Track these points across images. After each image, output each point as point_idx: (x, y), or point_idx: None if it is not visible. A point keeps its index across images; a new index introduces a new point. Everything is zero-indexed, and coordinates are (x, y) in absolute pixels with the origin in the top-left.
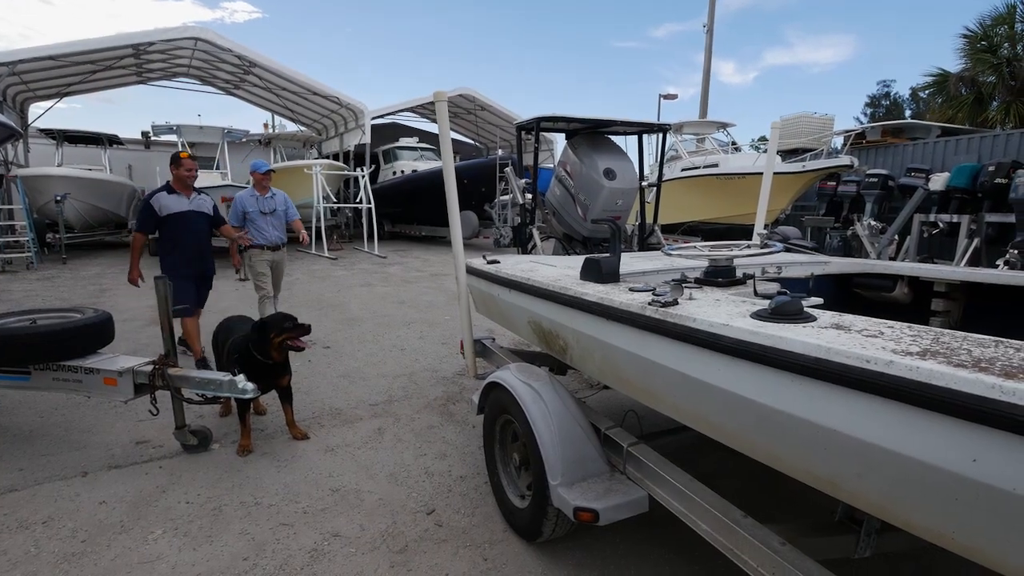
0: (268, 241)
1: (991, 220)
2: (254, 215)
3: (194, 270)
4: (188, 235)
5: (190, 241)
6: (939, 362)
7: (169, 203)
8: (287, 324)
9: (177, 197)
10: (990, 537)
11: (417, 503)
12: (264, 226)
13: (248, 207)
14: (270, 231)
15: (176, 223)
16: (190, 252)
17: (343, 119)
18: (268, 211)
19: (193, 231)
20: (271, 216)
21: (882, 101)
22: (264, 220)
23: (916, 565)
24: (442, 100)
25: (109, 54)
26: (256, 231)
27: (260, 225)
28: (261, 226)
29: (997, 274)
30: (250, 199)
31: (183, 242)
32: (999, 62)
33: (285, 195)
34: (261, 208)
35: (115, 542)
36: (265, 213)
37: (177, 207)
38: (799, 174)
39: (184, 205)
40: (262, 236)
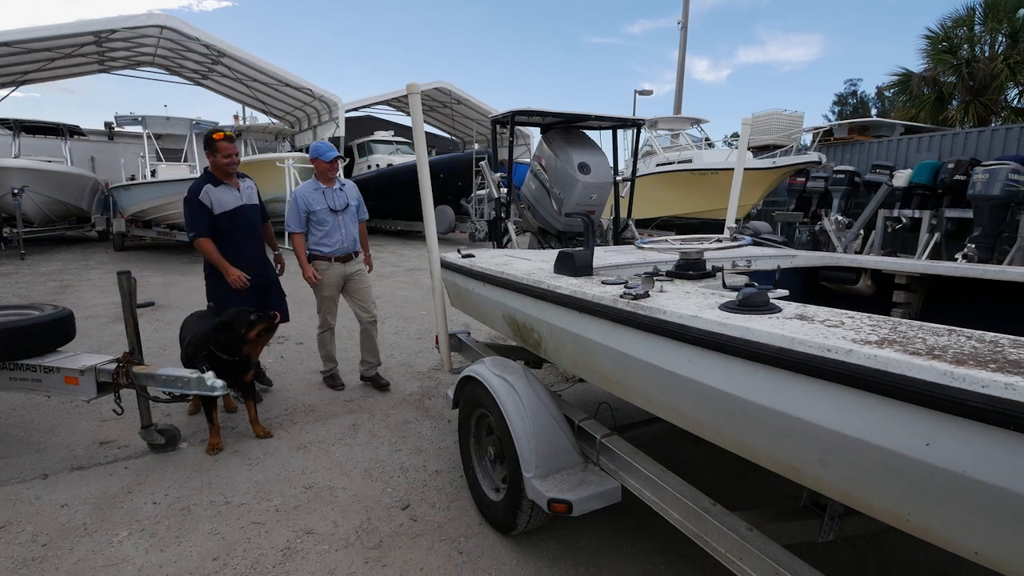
0: (339, 249)
1: (950, 216)
2: (322, 215)
3: (254, 279)
4: (244, 235)
5: (247, 242)
6: (895, 350)
7: (221, 197)
8: (252, 317)
9: (227, 189)
10: (942, 518)
11: (392, 498)
12: (334, 229)
13: (313, 204)
14: (343, 235)
15: (231, 222)
16: (249, 255)
17: (316, 112)
18: (340, 207)
19: (250, 229)
20: (343, 214)
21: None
22: (335, 220)
23: (876, 546)
24: (415, 92)
25: (69, 41)
26: (323, 236)
27: (330, 228)
28: (331, 229)
29: (954, 267)
30: (314, 194)
31: (239, 245)
32: (959, 63)
33: (354, 185)
34: (331, 204)
35: (78, 545)
36: (336, 211)
37: (232, 202)
38: (770, 170)
39: (236, 199)
40: (331, 242)
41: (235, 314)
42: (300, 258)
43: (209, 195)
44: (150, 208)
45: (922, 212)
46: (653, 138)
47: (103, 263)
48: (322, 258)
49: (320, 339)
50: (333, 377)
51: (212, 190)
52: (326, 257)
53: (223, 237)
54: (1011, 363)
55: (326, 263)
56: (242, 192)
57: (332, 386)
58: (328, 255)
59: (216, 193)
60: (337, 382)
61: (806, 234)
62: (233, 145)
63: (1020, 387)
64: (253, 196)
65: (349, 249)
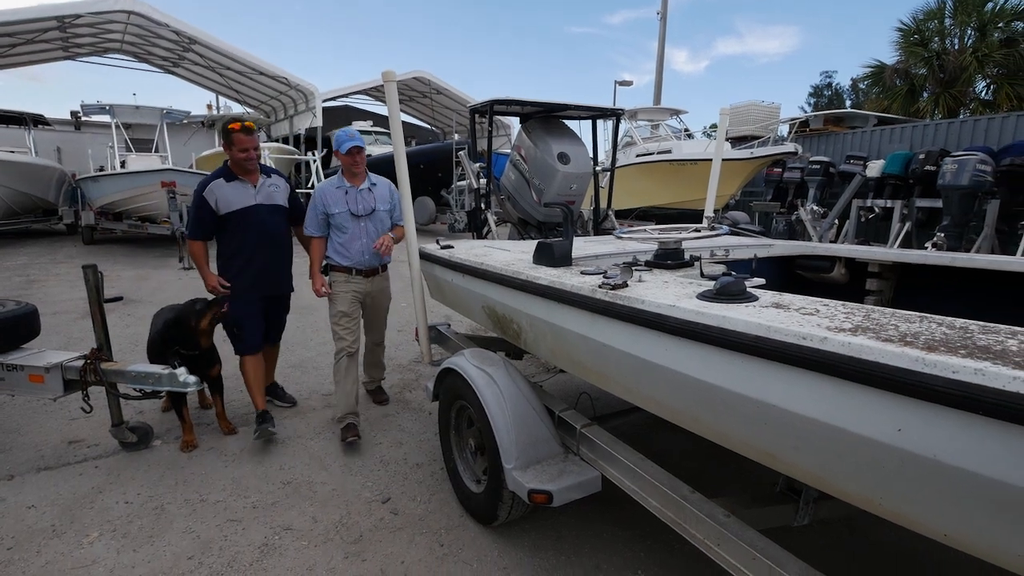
0: (359, 262)
1: (921, 205)
2: (342, 219)
3: (263, 291)
4: (258, 239)
5: (262, 248)
6: (869, 337)
7: (229, 195)
8: (198, 306)
9: (240, 186)
10: (913, 502)
11: (372, 492)
12: (355, 237)
13: (333, 207)
14: (365, 245)
15: (240, 224)
16: (261, 263)
17: (293, 101)
18: (363, 212)
19: (265, 233)
20: (368, 220)
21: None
22: (356, 227)
23: (850, 529)
24: (391, 80)
25: (30, 26)
26: (340, 245)
27: (350, 235)
28: (351, 237)
29: (924, 255)
30: (334, 193)
31: (251, 250)
32: (930, 55)
33: (390, 184)
34: (353, 208)
35: (46, 548)
36: (359, 216)
37: (240, 201)
38: (747, 160)
39: (249, 197)
40: (350, 253)
41: (183, 308)
42: (312, 265)
43: (215, 192)
44: (120, 200)
45: (894, 202)
46: (633, 128)
47: (71, 257)
48: (340, 269)
49: (336, 367)
50: (349, 428)
51: (220, 187)
52: (344, 269)
53: (231, 240)
54: (980, 348)
55: (343, 276)
56: (259, 190)
57: (344, 435)
58: (347, 267)
59: (224, 190)
60: (352, 432)
61: (783, 224)
62: (252, 137)
63: (989, 372)
64: (276, 195)
65: (372, 263)
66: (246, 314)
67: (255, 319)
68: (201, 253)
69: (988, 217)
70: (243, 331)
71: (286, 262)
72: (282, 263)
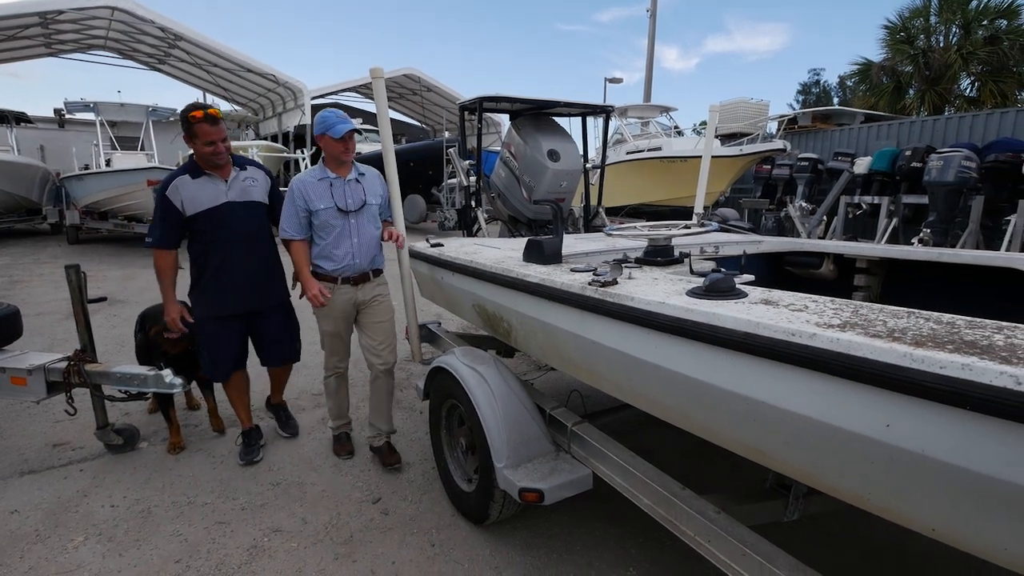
0: (348, 267)
1: (907, 201)
2: (326, 216)
3: (241, 305)
4: (231, 244)
5: (236, 254)
6: (857, 333)
7: (196, 193)
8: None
9: (208, 182)
10: (902, 497)
11: (363, 492)
12: (343, 236)
13: (314, 200)
14: (356, 245)
15: (209, 226)
16: (237, 272)
17: (281, 98)
18: (353, 207)
19: (238, 235)
20: (358, 217)
21: (813, 88)
22: (345, 225)
23: (840, 524)
24: (379, 77)
25: (11, 23)
26: (326, 247)
27: (337, 235)
28: (339, 237)
29: (911, 250)
30: (317, 186)
31: (223, 257)
32: (916, 52)
33: (379, 174)
34: (340, 202)
35: (29, 553)
36: (347, 212)
37: (209, 199)
38: (737, 157)
39: (219, 195)
40: (337, 256)
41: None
42: (300, 270)
43: (179, 191)
44: (105, 199)
45: (881, 198)
46: (623, 126)
47: (56, 257)
48: (324, 277)
49: (325, 385)
50: (340, 440)
51: (186, 184)
52: (329, 277)
53: (200, 246)
54: (967, 344)
55: (330, 285)
56: (231, 185)
57: (337, 451)
58: (332, 274)
59: (190, 188)
60: (345, 447)
61: (772, 220)
62: (218, 128)
63: (976, 367)
64: (252, 190)
65: (363, 267)
66: (215, 335)
67: (229, 343)
68: (168, 266)
69: (973, 213)
70: (210, 355)
71: (271, 268)
72: (265, 270)
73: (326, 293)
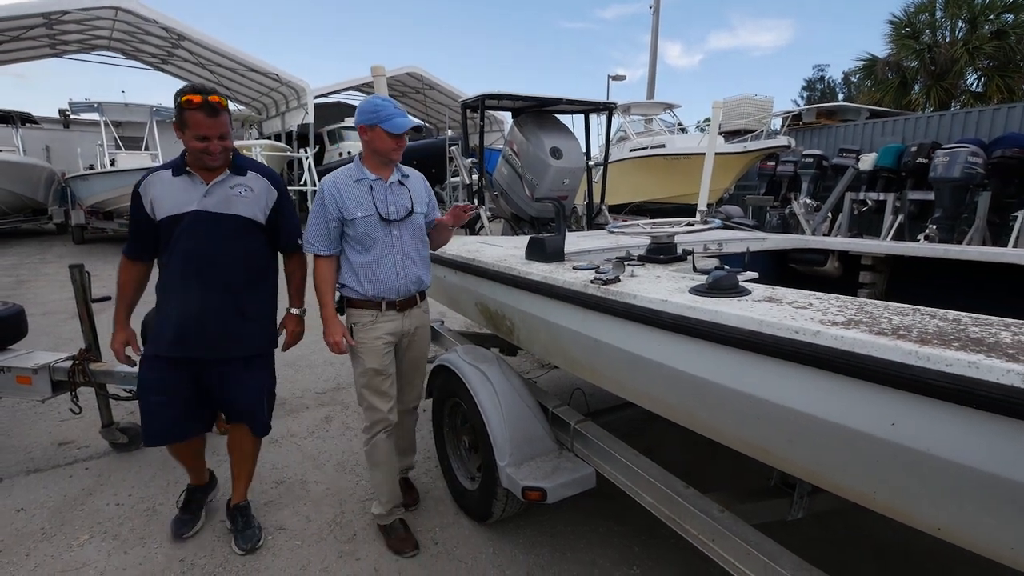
0: (391, 289)
1: (913, 198)
2: (365, 226)
3: (179, 347)
4: (183, 266)
5: (187, 280)
6: (862, 331)
7: (165, 194)
8: None
9: (186, 183)
10: (907, 496)
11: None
12: (385, 252)
13: (350, 207)
14: (399, 263)
15: (169, 236)
16: (182, 303)
17: (284, 98)
18: (398, 215)
19: (196, 257)
20: (403, 227)
21: (817, 84)
22: (388, 238)
23: (845, 522)
24: (380, 75)
25: (15, 23)
26: (362, 267)
27: (378, 251)
28: (380, 253)
29: (917, 247)
30: (354, 188)
31: (173, 279)
32: (921, 48)
33: (423, 178)
34: (383, 209)
35: (35, 551)
36: (391, 221)
37: (176, 203)
38: (741, 154)
39: (190, 199)
40: (380, 277)
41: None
42: (323, 303)
43: (151, 189)
44: (110, 199)
45: (887, 194)
46: (626, 123)
47: (61, 257)
48: (363, 304)
49: (370, 450)
50: (395, 531)
51: (160, 181)
52: (370, 302)
53: (168, 259)
54: (974, 341)
55: (370, 314)
56: (211, 190)
57: (399, 548)
58: (374, 298)
59: (162, 187)
60: (408, 541)
61: (776, 217)
62: (217, 120)
63: (983, 365)
64: (238, 203)
65: (409, 289)
66: (149, 380)
67: (163, 394)
68: (126, 280)
69: (979, 209)
70: (142, 406)
71: (244, 307)
72: (231, 308)
73: (350, 341)
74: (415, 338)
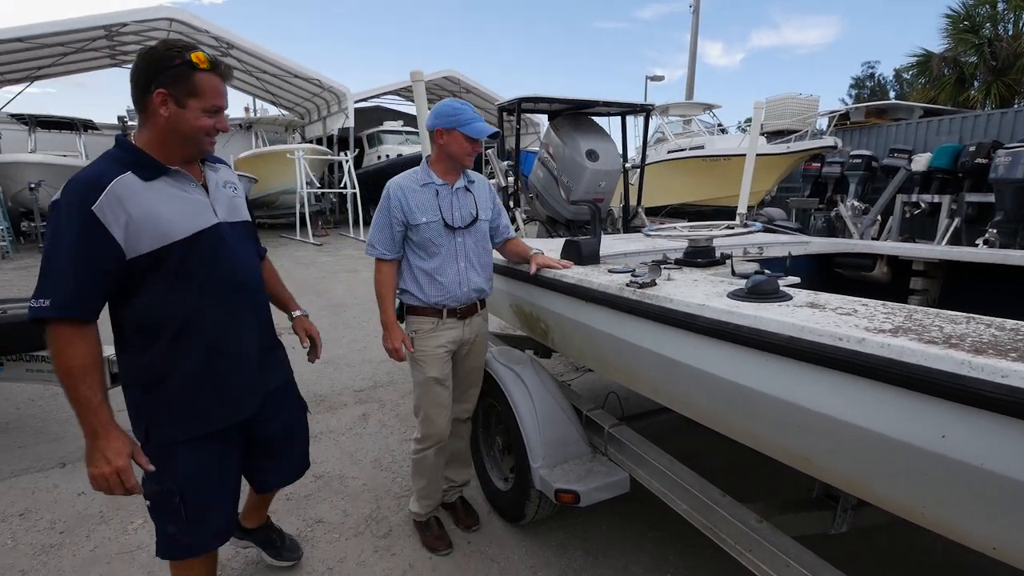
0: (453, 297)
1: (971, 200)
2: (428, 232)
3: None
4: (231, 297)
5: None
6: (910, 339)
7: (158, 207)
8: None
9: (174, 186)
10: (959, 511)
11: (401, 488)
12: (448, 259)
13: (415, 211)
14: (462, 270)
15: (188, 267)
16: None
17: (325, 102)
18: (463, 222)
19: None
20: (468, 235)
21: (867, 82)
22: (452, 245)
23: (892, 538)
24: (419, 80)
25: (80, 36)
26: (425, 273)
27: (442, 258)
28: (444, 261)
29: (973, 252)
30: (421, 193)
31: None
32: (981, 42)
33: (489, 184)
34: (448, 216)
35: (94, 533)
36: (455, 228)
37: (187, 219)
38: (784, 155)
39: (202, 209)
40: (444, 282)
41: None
42: (384, 308)
43: (123, 203)
44: None
45: (942, 197)
46: (664, 124)
47: None
48: (424, 311)
49: (419, 461)
50: (430, 528)
51: (134, 191)
52: (431, 310)
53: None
54: None
55: (431, 321)
56: (214, 193)
57: (434, 545)
58: (435, 305)
59: (144, 199)
60: (443, 539)
61: (821, 220)
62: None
63: None
64: (239, 205)
65: (471, 296)
66: (200, 476)
67: (223, 483)
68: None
69: None
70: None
71: (269, 324)
72: (266, 332)
73: (408, 347)
74: (474, 347)
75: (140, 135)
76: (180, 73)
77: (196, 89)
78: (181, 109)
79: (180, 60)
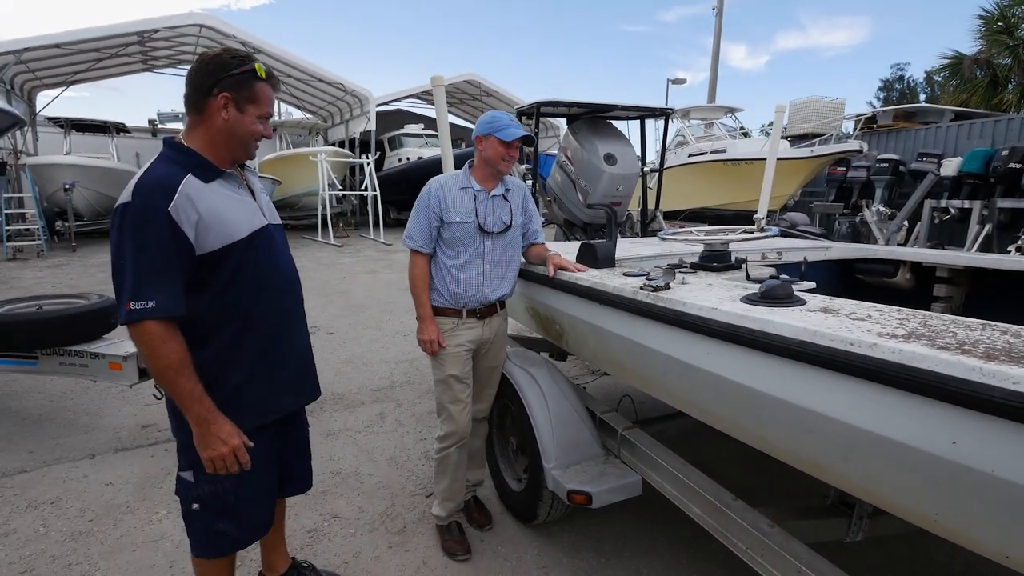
0: (473, 298)
1: (1003, 206)
2: (459, 231)
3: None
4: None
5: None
6: (922, 345)
7: (221, 208)
8: None
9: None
10: (969, 519)
11: (416, 486)
12: (474, 260)
13: (451, 210)
14: (485, 272)
15: (244, 267)
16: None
17: (348, 106)
18: (496, 227)
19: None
20: (498, 240)
21: (896, 85)
22: (480, 248)
23: (910, 547)
24: (439, 85)
25: (114, 41)
26: (448, 271)
27: (468, 257)
28: (469, 259)
29: (1000, 259)
30: (459, 195)
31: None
32: (1016, 43)
33: (526, 191)
34: (483, 219)
35: (121, 522)
36: (488, 232)
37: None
38: (807, 159)
39: (253, 211)
40: (465, 279)
41: None
42: (420, 301)
43: (194, 203)
44: None
45: (972, 202)
46: (686, 128)
47: None
48: (445, 311)
49: (442, 460)
50: (451, 532)
51: (196, 192)
52: (452, 310)
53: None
54: None
55: (451, 321)
56: (258, 195)
57: (453, 549)
58: (455, 307)
59: (209, 199)
60: (462, 544)
61: (846, 225)
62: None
63: None
64: (273, 208)
65: (489, 297)
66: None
67: (268, 475)
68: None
69: None
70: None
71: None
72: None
73: (442, 343)
74: (493, 346)
75: (192, 137)
76: (244, 80)
77: (255, 96)
78: (240, 114)
79: (245, 68)
